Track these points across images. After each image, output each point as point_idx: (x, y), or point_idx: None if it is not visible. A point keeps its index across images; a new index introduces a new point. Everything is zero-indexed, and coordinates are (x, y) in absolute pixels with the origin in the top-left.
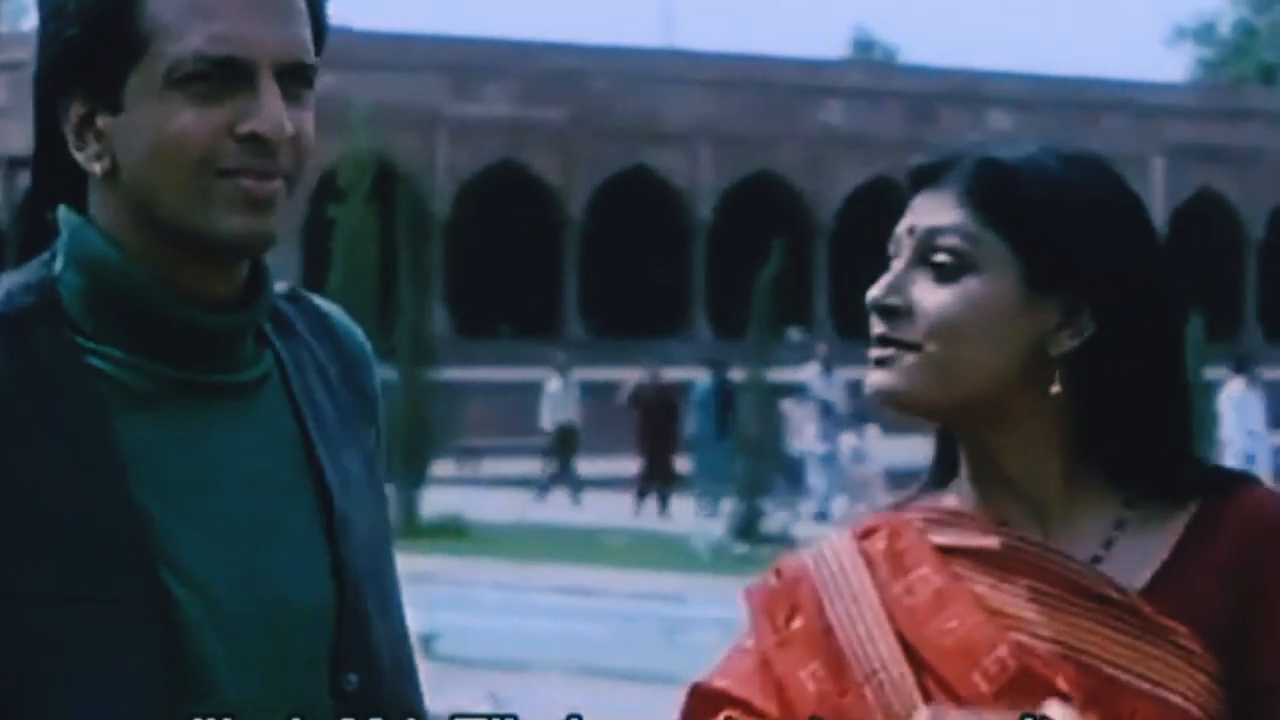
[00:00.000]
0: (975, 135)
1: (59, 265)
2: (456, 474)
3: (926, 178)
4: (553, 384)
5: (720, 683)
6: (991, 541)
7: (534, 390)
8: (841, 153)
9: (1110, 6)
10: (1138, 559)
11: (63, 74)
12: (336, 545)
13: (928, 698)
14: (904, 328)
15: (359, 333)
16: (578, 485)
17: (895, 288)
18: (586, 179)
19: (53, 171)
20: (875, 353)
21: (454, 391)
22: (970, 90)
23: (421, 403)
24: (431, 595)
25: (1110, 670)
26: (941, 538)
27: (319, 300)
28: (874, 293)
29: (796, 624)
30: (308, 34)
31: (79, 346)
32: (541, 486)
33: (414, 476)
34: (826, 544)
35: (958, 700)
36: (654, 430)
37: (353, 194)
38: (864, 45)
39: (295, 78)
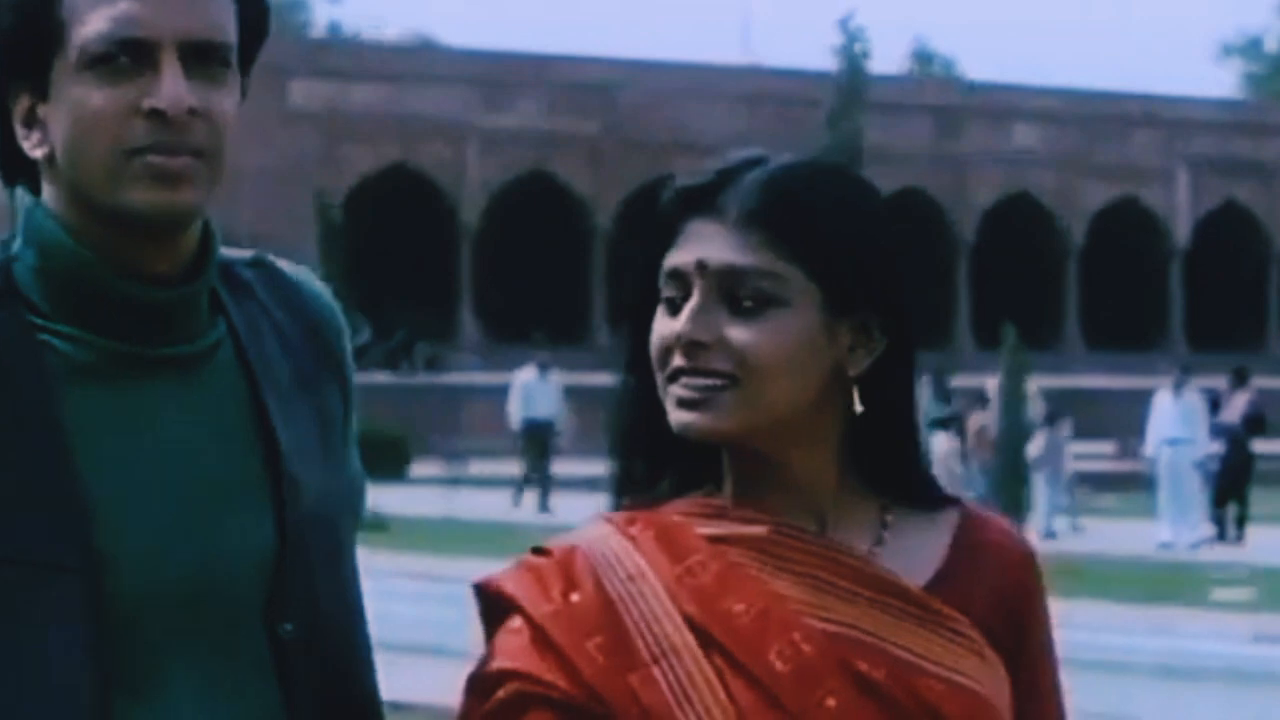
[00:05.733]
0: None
1: (17, 245)
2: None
3: (698, 198)
4: (524, 374)
5: (497, 664)
6: (765, 531)
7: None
8: (868, 165)
9: (1163, 24)
10: (912, 558)
11: (7, 66)
12: (283, 503)
13: (719, 678)
14: (714, 360)
15: (326, 295)
16: (547, 486)
17: (703, 323)
18: (615, 190)
19: (15, 156)
20: (684, 389)
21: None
22: (997, 104)
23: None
24: None
25: (898, 652)
26: (710, 529)
27: (286, 266)
28: (683, 328)
29: (575, 597)
30: (222, 14)
31: (31, 323)
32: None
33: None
34: (583, 533)
35: (752, 680)
36: None
37: None
38: (924, 58)
39: (207, 57)
